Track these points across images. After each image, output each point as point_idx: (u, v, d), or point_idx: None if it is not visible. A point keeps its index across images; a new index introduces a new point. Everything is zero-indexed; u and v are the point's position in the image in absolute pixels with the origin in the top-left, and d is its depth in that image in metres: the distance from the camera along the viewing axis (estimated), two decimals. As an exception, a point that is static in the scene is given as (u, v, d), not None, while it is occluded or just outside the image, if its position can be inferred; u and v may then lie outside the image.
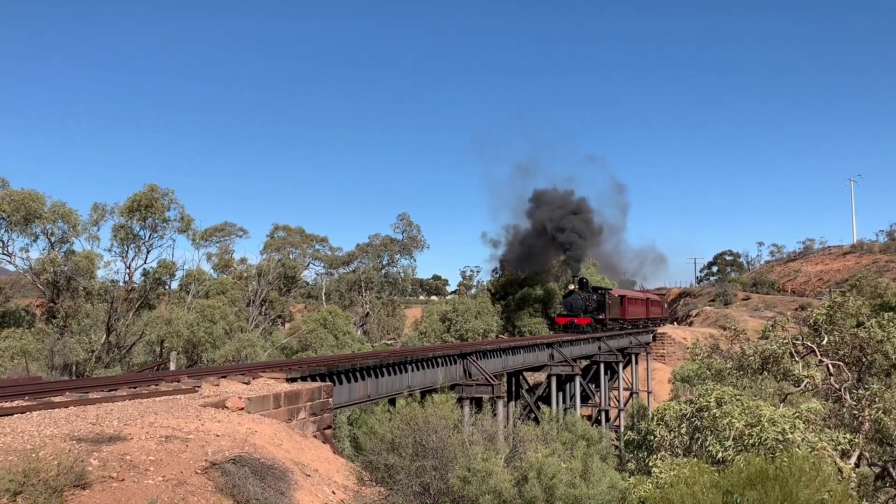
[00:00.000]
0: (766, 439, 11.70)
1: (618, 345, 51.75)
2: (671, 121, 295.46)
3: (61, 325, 35.02)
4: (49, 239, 35.93)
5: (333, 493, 11.25)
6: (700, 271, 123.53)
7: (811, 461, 10.00)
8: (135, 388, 13.83)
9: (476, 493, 10.04)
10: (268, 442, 11.62)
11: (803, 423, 12.78)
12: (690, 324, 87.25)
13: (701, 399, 14.93)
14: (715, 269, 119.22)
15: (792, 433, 11.72)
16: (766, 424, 12.10)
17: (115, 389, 13.43)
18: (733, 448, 12.25)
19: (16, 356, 30.68)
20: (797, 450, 11.15)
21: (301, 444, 12.86)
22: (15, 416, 10.55)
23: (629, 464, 16.20)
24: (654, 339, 66.29)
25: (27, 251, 36.05)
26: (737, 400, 14.80)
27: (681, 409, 15.15)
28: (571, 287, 53.63)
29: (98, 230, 37.71)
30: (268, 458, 10.57)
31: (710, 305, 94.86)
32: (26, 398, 11.88)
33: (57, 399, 11.98)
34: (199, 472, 9.21)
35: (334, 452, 14.73)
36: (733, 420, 12.90)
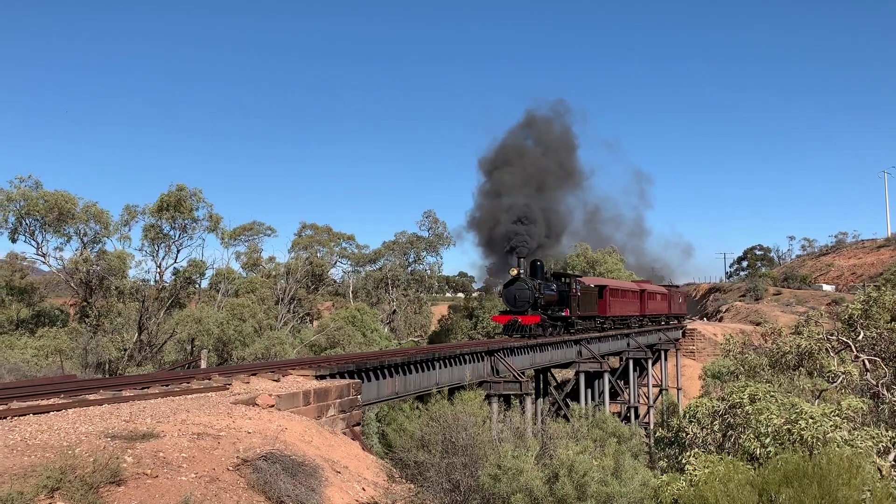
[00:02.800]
0: (805, 437, 11.47)
1: (647, 341, 51.20)
2: (698, 112, 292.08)
3: (94, 323, 35.58)
4: (82, 239, 36.52)
5: (363, 489, 11.26)
6: (730, 266, 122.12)
7: (851, 459, 9.78)
8: (167, 385, 13.96)
9: (507, 490, 9.98)
10: (298, 439, 11.66)
11: (843, 420, 12.52)
12: (720, 319, 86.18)
13: (734, 395, 14.70)
14: (745, 263, 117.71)
15: (833, 431, 11.47)
16: (806, 421, 11.86)
17: (148, 387, 13.58)
18: (772, 445, 12.03)
19: (50, 355, 31.24)
20: (837, 448, 10.92)
21: (331, 441, 12.89)
22: (51, 413, 10.70)
23: (660, 461, 16.01)
24: (684, 335, 65.53)
25: (61, 251, 36.69)
26: (771, 396, 14.54)
27: (713, 406, 14.93)
28: (514, 273, 35.33)
29: (129, 230, 38.27)
30: (298, 455, 10.60)
31: (740, 301, 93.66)
32: (62, 396, 12.05)
33: (91, 397, 12.13)
34: (230, 468, 9.27)
35: (363, 449, 14.74)
36: (771, 416, 12.67)
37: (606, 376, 39.85)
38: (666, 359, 54.65)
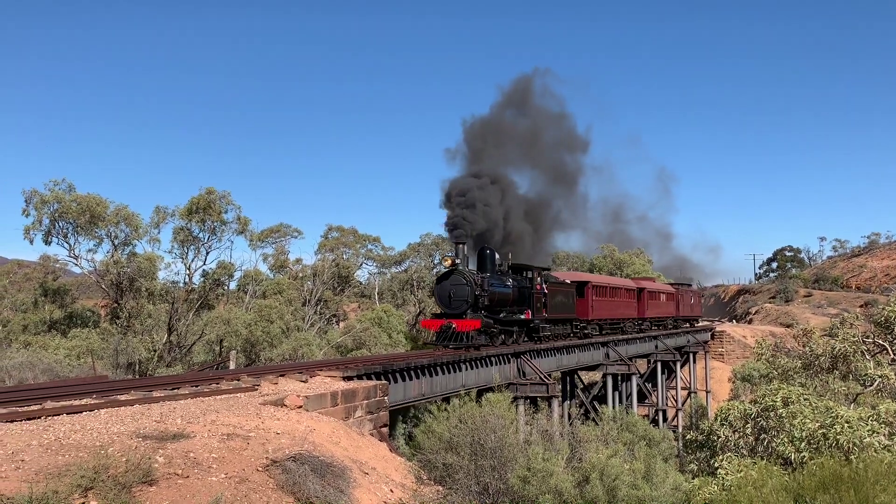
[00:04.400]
0: (841, 441, 11.24)
1: (675, 343, 50.63)
2: (725, 110, 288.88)
3: (125, 324, 36.06)
4: (112, 241, 37.05)
5: (391, 491, 11.25)
6: (759, 267, 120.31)
7: (890, 465, 9.56)
8: (196, 386, 14.08)
9: (536, 492, 9.89)
10: (326, 440, 11.68)
11: (882, 425, 12.24)
12: (750, 321, 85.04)
13: (766, 398, 14.48)
14: (775, 265, 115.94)
15: (870, 437, 11.22)
16: (841, 426, 11.62)
17: (178, 388, 13.69)
18: (807, 450, 11.80)
19: (82, 355, 31.72)
20: (874, 453, 10.68)
21: (358, 442, 12.90)
22: (84, 413, 10.83)
23: (691, 465, 15.81)
24: (713, 337, 64.75)
25: (92, 253, 37.27)
26: (804, 399, 14.30)
27: (745, 409, 14.71)
28: (447, 263, 27.10)
29: (159, 233, 38.76)
30: (326, 456, 10.61)
31: (770, 302, 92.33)
32: (94, 396, 12.19)
33: (123, 397, 12.26)
34: (260, 469, 9.31)
35: (391, 451, 14.74)
36: (805, 420, 12.44)
37: (634, 379, 39.50)
38: (695, 361, 54.03)
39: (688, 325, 57.68)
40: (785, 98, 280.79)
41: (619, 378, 39.23)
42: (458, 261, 25.92)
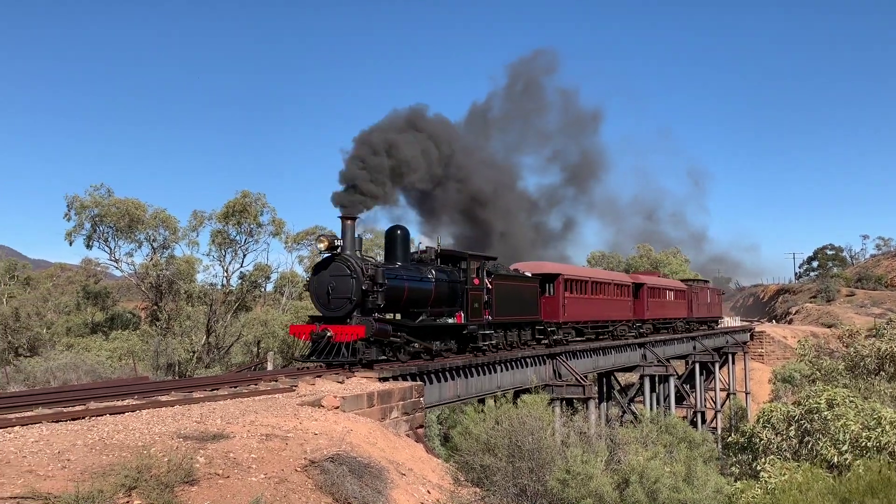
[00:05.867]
0: (886, 443, 10.93)
1: (713, 344, 49.83)
2: (762, 107, 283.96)
3: (164, 326, 36.67)
4: (152, 245, 37.75)
5: (429, 492, 11.23)
6: (799, 266, 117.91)
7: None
8: (235, 387, 14.22)
9: (575, 495, 9.79)
10: (363, 440, 11.71)
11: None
12: (790, 322, 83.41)
13: (810, 400, 14.17)
14: (815, 264, 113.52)
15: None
16: (886, 427, 11.31)
17: (217, 389, 13.85)
18: (850, 452, 11.51)
19: (123, 356, 32.35)
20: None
21: (395, 443, 12.92)
22: (126, 414, 11.00)
23: (732, 467, 15.54)
24: (752, 337, 63.63)
25: (132, 256, 37.99)
26: (850, 401, 13.96)
27: (788, 411, 14.42)
28: (323, 245, 18.60)
29: (197, 235, 39.40)
30: (364, 457, 10.64)
31: (811, 302, 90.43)
32: (135, 397, 12.39)
33: (163, 398, 12.43)
34: (298, 469, 9.36)
35: (427, 452, 14.74)
36: (848, 422, 12.13)
37: (672, 380, 38.99)
38: (734, 362, 53.12)
39: (705, 328, 51.20)
40: (826, 93, 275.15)
41: (657, 379, 38.76)
42: (339, 242, 18.48)
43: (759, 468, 12.20)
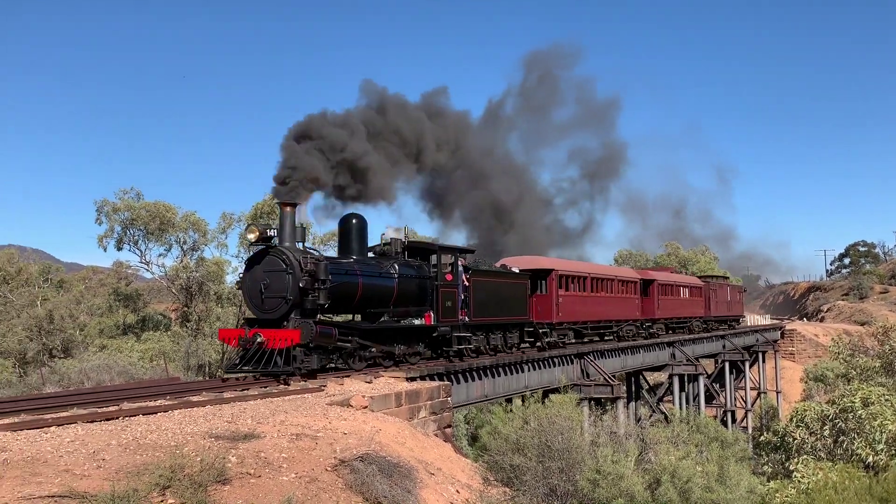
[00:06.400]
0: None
1: (743, 342, 49.22)
2: (792, 99, 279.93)
3: (195, 327, 37.10)
4: (181, 247, 38.20)
5: (458, 492, 11.23)
6: (830, 264, 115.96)
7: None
8: (265, 387, 14.35)
9: (606, 495, 9.73)
10: (392, 440, 11.74)
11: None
12: (822, 319, 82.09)
13: (844, 399, 13.93)
14: (847, 260, 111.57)
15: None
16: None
17: (247, 389, 13.98)
18: (886, 452, 11.30)
19: (155, 357, 32.78)
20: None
21: (423, 443, 12.94)
22: (159, 414, 11.14)
23: (764, 467, 15.34)
24: (783, 335, 62.75)
25: (162, 258, 38.49)
26: (885, 400, 13.70)
27: (822, 410, 14.19)
28: (253, 236, 15.94)
29: (226, 238, 39.74)
30: (393, 456, 10.66)
31: (843, 300, 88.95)
32: (168, 397, 12.55)
33: (195, 398, 12.58)
34: (328, 469, 9.41)
35: (456, 451, 14.73)
36: (885, 422, 11.91)
37: (701, 379, 38.59)
38: (764, 361, 52.43)
39: (725, 326, 48.60)
40: (858, 85, 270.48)
41: (686, 378, 38.40)
42: (272, 232, 15.95)
43: (792, 468, 12.03)
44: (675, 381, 36.74)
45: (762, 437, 16.24)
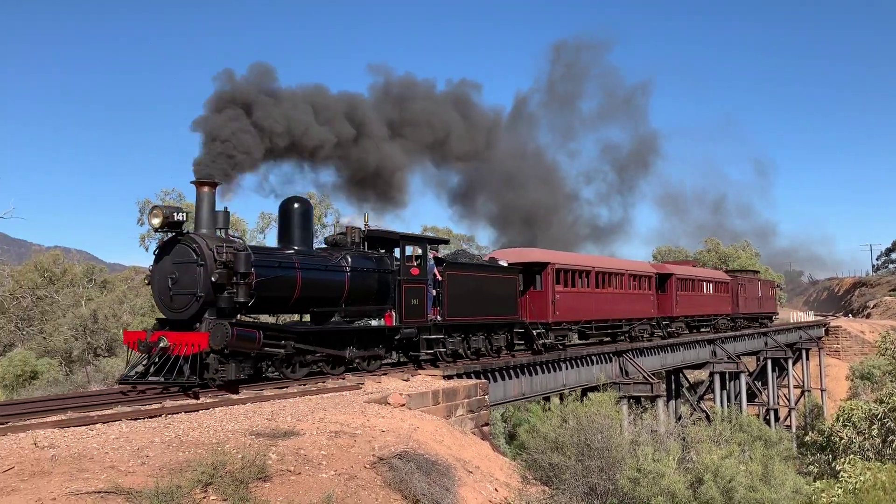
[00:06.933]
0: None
1: (786, 339, 48.27)
2: (834, 91, 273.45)
3: (234, 326, 37.53)
4: (221, 247, 38.65)
5: (496, 490, 11.19)
6: (877, 258, 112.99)
7: None
8: (304, 385, 14.46)
9: (647, 494, 9.61)
10: (430, 438, 11.74)
11: None
12: (868, 316, 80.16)
13: (893, 398, 13.56)
14: (894, 255, 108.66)
15: None
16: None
17: (286, 387, 14.10)
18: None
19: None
20: None
21: (461, 441, 12.92)
22: (200, 412, 11.30)
23: (810, 467, 15.00)
24: (827, 332, 61.39)
25: (202, 259, 39.02)
26: (937, 399, 13.31)
27: (870, 409, 13.83)
28: (156, 222, 13.25)
29: (265, 238, 40.21)
30: (431, 454, 10.67)
31: (890, 295, 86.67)
32: (208, 395, 12.71)
33: (235, 396, 12.73)
34: (367, 466, 9.45)
35: (493, 450, 14.69)
36: (936, 421, 11.56)
37: (743, 377, 37.99)
38: (808, 358, 51.37)
39: (756, 324, 45.69)
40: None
41: (727, 376, 37.83)
42: (180, 216, 13.39)
43: (839, 468, 11.74)
44: (716, 378, 36.23)
45: (807, 437, 15.90)
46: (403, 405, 13.13)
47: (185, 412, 11.14)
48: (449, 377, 16.92)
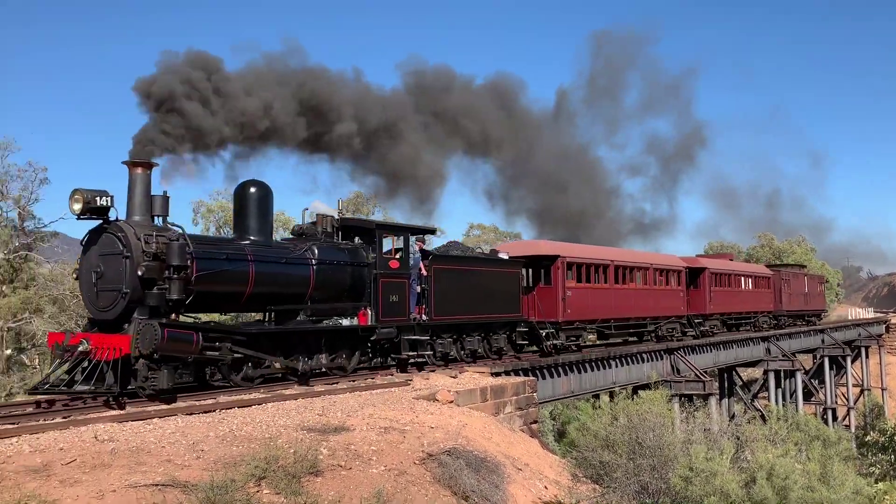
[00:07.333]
0: None
1: (843, 337, 46.82)
2: (888, 82, 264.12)
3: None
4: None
5: (546, 487, 11.13)
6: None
7: None
8: (353, 381, 14.60)
9: (699, 493, 9.44)
10: (478, 435, 11.75)
11: None
12: (931, 312, 77.29)
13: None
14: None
15: None
16: None
17: (336, 383, 14.26)
18: None
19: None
20: None
21: (510, 438, 12.89)
22: (253, 407, 11.51)
23: (871, 467, 14.53)
24: (888, 330, 59.37)
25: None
26: None
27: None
28: (77, 207, 11.42)
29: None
30: (480, 451, 10.68)
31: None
32: (261, 391, 12.94)
33: (287, 392, 12.93)
34: (416, 462, 9.50)
35: (542, 447, 14.62)
36: None
37: (799, 375, 37.03)
38: (867, 356, 49.80)
39: (801, 322, 42.90)
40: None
41: (782, 374, 36.93)
42: (104, 202, 11.64)
43: (902, 469, 11.34)
44: (771, 376, 35.41)
45: (868, 437, 15.40)
46: (451, 402, 13.17)
47: (239, 407, 11.37)
48: (497, 374, 16.90)
